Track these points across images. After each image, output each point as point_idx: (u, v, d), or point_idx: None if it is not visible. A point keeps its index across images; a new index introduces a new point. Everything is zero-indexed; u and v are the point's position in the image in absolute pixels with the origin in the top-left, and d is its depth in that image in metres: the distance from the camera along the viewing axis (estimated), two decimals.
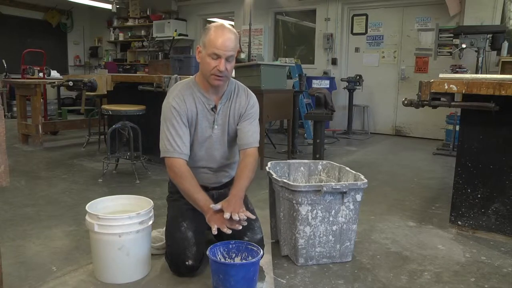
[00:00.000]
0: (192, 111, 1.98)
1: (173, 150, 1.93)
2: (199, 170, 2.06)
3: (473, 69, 5.27)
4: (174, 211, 2.07)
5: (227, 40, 1.87)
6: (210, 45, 1.87)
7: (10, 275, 1.91)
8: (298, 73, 6.19)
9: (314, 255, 2.08)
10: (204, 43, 1.90)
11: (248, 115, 2.06)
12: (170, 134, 1.94)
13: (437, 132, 6.39)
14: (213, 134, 2.03)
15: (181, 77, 3.79)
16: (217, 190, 2.12)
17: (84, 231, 2.38)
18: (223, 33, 1.87)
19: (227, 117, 2.04)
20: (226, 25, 1.93)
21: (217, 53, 1.86)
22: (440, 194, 3.48)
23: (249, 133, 2.05)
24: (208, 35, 1.89)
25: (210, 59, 1.88)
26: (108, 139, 3.82)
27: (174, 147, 1.93)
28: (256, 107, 2.11)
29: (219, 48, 1.86)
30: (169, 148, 1.94)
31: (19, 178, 3.65)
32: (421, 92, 2.35)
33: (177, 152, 1.93)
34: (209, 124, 2.02)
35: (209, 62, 1.89)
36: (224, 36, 1.87)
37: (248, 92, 2.12)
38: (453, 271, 2.08)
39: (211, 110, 2.01)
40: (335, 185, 2.01)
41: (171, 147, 1.93)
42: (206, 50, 1.89)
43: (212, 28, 1.90)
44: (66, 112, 6.83)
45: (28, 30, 9.35)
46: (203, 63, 1.93)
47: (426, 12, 6.53)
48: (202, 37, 1.93)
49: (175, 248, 1.93)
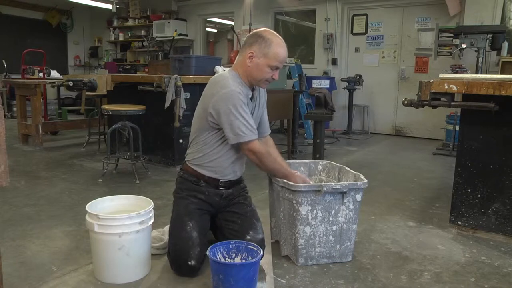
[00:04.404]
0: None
1: (250, 132, 1.97)
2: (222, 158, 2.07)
3: (473, 69, 5.27)
4: (180, 209, 2.06)
5: (286, 56, 2.06)
6: (274, 58, 1.99)
7: (10, 275, 1.91)
8: (298, 73, 6.19)
9: (314, 255, 2.08)
10: (266, 54, 1.99)
11: (265, 104, 2.25)
12: (244, 118, 1.95)
13: (437, 132, 6.39)
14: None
15: (181, 77, 3.80)
16: (226, 189, 2.12)
17: (84, 231, 2.38)
18: (284, 47, 2.03)
19: (258, 107, 2.19)
20: (279, 36, 2.05)
21: (279, 66, 2.02)
22: (440, 194, 3.48)
23: (267, 120, 2.30)
24: (272, 48, 1.98)
25: (269, 69, 2.01)
26: (108, 139, 3.82)
27: (250, 130, 1.97)
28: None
29: (282, 62, 2.03)
30: (247, 133, 1.96)
31: (19, 178, 3.64)
32: (421, 92, 2.35)
33: (253, 134, 1.99)
34: (250, 112, 2.07)
35: (267, 71, 2.01)
36: (285, 51, 2.04)
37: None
38: (453, 271, 2.08)
39: (250, 100, 2.10)
40: (335, 185, 2.01)
41: (248, 131, 1.96)
42: (268, 61, 1.99)
43: (274, 42, 1.99)
44: (66, 112, 6.83)
45: (28, 30, 9.35)
46: (259, 69, 2.01)
47: (426, 12, 6.53)
48: (260, 46, 1.99)
49: (179, 247, 1.93)
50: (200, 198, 2.08)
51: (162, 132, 4.14)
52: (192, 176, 2.10)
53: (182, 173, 2.15)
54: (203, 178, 2.08)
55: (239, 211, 2.11)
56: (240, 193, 2.19)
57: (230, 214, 2.11)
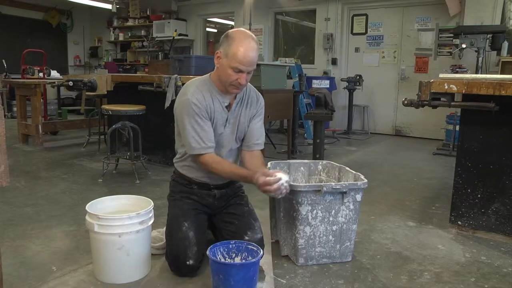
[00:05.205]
0: (210, 107, 1.96)
1: (200, 147, 1.92)
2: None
3: (473, 69, 5.27)
4: (175, 211, 2.07)
5: (253, 56, 1.85)
6: (234, 59, 1.83)
7: (10, 275, 1.91)
8: (298, 73, 6.19)
9: (314, 255, 2.08)
10: (227, 54, 1.85)
11: (258, 115, 2.11)
12: (195, 131, 1.91)
13: (437, 132, 6.39)
14: (224, 132, 2.04)
15: (181, 77, 3.80)
16: (219, 189, 2.12)
17: (84, 231, 2.38)
18: (248, 48, 1.83)
19: (239, 117, 2.05)
20: (250, 36, 1.88)
21: (241, 69, 1.84)
22: (440, 194, 3.48)
23: (258, 132, 2.10)
24: (232, 47, 1.83)
25: (232, 71, 1.85)
26: (108, 139, 3.82)
27: (201, 144, 1.92)
28: (263, 106, 2.16)
29: (244, 65, 1.84)
30: (197, 146, 1.92)
31: (19, 178, 3.64)
32: (421, 92, 2.35)
33: (204, 148, 1.93)
34: (222, 122, 2.02)
35: (230, 74, 1.86)
36: (250, 52, 1.83)
37: (258, 94, 2.15)
38: (453, 271, 2.08)
39: (225, 108, 2.01)
40: (335, 185, 2.01)
41: (198, 145, 1.92)
42: (229, 61, 1.84)
43: (237, 40, 1.84)
44: (66, 112, 6.83)
45: (28, 30, 9.35)
46: (223, 71, 1.89)
47: (426, 12, 6.53)
48: (224, 45, 1.87)
49: (176, 248, 1.93)
50: (194, 199, 2.09)
51: (162, 132, 4.14)
52: (183, 179, 2.11)
53: (175, 177, 2.17)
54: (194, 181, 2.09)
55: (236, 212, 2.11)
56: (235, 193, 2.19)
57: (227, 216, 2.11)
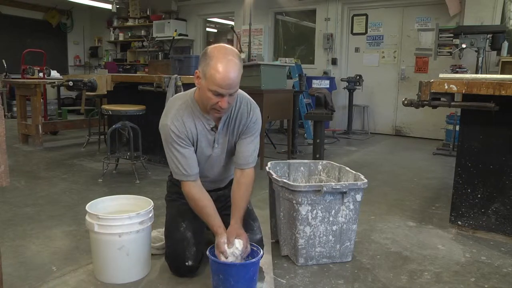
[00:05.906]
0: (192, 132, 1.84)
1: (182, 173, 1.85)
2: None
3: (473, 69, 5.27)
4: (173, 211, 2.06)
5: (233, 78, 1.64)
6: (212, 81, 1.64)
7: (10, 275, 1.91)
8: (298, 73, 6.19)
9: (314, 255, 2.08)
10: (205, 74, 1.66)
11: (249, 131, 1.93)
12: (176, 158, 1.84)
13: (437, 132, 6.38)
14: (213, 153, 1.94)
15: (181, 77, 3.80)
16: (216, 191, 2.11)
17: (84, 231, 2.38)
18: (228, 68, 1.62)
19: (227, 136, 1.93)
20: (230, 53, 1.68)
21: (221, 92, 1.65)
22: (440, 194, 3.48)
23: (248, 152, 1.93)
24: (210, 68, 1.64)
25: (211, 94, 1.67)
26: (108, 139, 3.82)
27: (182, 172, 1.85)
28: (259, 122, 1.96)
29: (223, 88, 1.64)
30: (178, 172, 1.86)
31: (19, 178, 3.64)
32: (421, 92, 2.35)
33: (184, 176, 1.85)
34: (209, 144, 1.91)
35: (210, 97, 1.68)
36: (229, 73, 1.62)
37: (251, 106, 1.93)
38: (453, 271, 2.08)
39: (211, 130, 1.88)
40: (335, 185, 2.01)
41: (179, 171, 1.85)
42: (208, 84, 1.66)
43: (214, 59, 1.64)
44: (66, 112, 6.83)
45: (28, 30, 9.35)
46: (203, 93, 1.72)
47: (426, 12, 6.53)
48: (202, 64, 1.68)
49: (174, 249, 1.93)
50: None
51: None
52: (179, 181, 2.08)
53: (171, 177, 2.13)
54: None
55: None
56: None
57: (226, 217, 2.07)
